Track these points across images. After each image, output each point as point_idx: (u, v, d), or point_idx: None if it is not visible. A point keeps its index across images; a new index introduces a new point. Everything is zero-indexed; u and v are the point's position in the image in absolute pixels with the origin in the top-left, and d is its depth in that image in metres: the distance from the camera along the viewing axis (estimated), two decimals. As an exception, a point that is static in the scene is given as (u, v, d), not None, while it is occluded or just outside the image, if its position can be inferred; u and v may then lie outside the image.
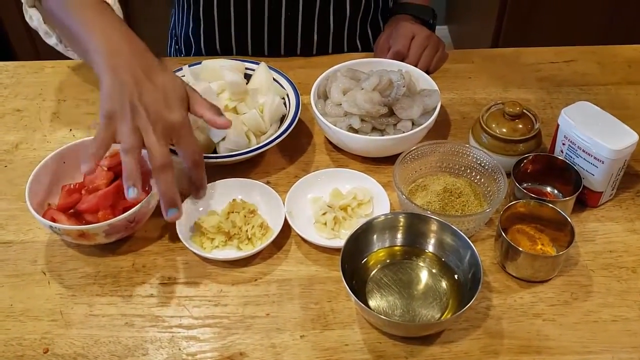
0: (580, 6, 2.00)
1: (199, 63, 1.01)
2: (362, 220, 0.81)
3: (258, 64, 1.01)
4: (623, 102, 1.06)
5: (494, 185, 0.86)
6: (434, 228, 0.80)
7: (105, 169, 0.85)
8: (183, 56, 1.28)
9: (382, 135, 0.94)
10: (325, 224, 0.85)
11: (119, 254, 0.84)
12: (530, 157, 0.88)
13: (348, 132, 0.92)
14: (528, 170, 0.88)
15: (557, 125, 0.88)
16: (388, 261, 0.81)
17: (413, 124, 0.94)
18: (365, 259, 0.81)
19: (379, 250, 0.81)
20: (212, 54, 1.22)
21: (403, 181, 0.87)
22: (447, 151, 0.90)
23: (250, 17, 1.15)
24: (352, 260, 0.78)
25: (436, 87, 0.98)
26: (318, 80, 0.99)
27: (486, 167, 0.88)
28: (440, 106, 0.95)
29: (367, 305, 0.76)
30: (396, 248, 0.82)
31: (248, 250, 0.82)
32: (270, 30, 1.17)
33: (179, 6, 1.24)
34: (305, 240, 0.84)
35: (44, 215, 0.80)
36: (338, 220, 0.85)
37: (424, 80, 1.01)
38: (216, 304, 0.78)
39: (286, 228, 0.85)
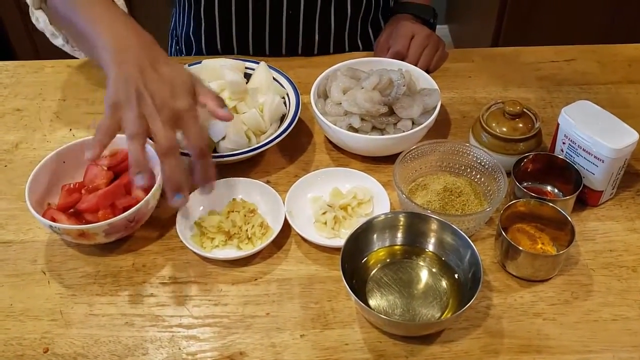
0: (580, 6, 1.99)
1: (199, 62, 1.01)
2: (362, 220, 0.81)
3: (258, 63, 1.01)
4: (623, 101, 1.06)
5: (494, 185, 0.86)
6: (434, 227, 0.80)
7: (105, 168, 0.85)
8: (184, 56, 1.27)
9: (382, 134, 0.94)
10: (325, 223, 0.85)
11: (119, 253, 0.84)
12: (530, 156, 0.87)
13: (348, 132, 0.92)
14: (528, 170, 0.88)
15: (558, 124, 0.88)
16: (388, 260, 0.81)
17: (413, 123, 0.94)
18: (365, 259, 0.80)
19: (379, 250, 0.81)
20: (212, 54, 1.22)
21: (403, 180, 0.87)
22: (447, 150, 0.90)
23: (252, 17, 1.15)
24: (352, 259, 0.77)
25: (436, 86, 0.98)
26: (318, 79, 0.99)
27: (486, 166, 0.88)
28: (441, 105, 0.95)
29: (367, 304, 0.76)
30: (396, 247, 0.82)
31: (248, 249, 0.82)
32: (272, 30, 1.16)
33: (180, 6, 1.24)
34: (305, 240, 0.84)
35: (43, 215, 0.80)
36: (338, 220, 0.85)
37: (424, 79, 1.01)
38: (216, 303, 0.78)
39: (286, 227, 0.85)
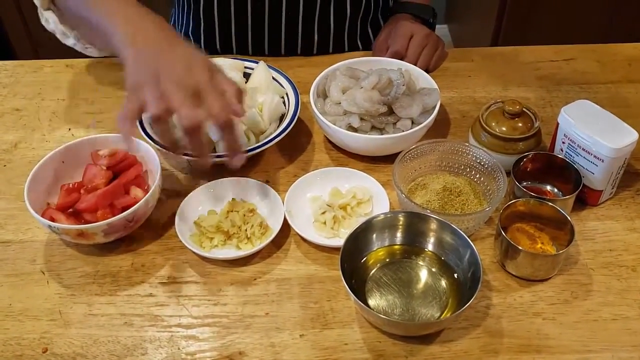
0: (580, 5, 1.99)
1: (198, 62, 1.01)
2: (361, 219, 0.81)
3: (257, 62, 1.01)
4: (623, 100, 1.06)
5: (494, 184, 0.86)
6: (433, 227, 0.80)
7: (104, 168, 0.85)
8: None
9: (382, 134, 0.94)
10: (324, 223, 0.85)
11: (118, 253, 0.84)
12: (530, 156, 0.87)
13: (347, 131, 0.92)
14: (528, 169, 0.88)
15: (557, 123, 0.88)
16: (387, 260, 0.81)
17: (412, 123, 0.94)
18: (364, 258, 0.80)
19: (378, 249, 0.81)
20: (212, 53, 1.21)
21: (402, 180, 0.87)
22: (447, 150, 0.90)
23: (251, 17, 1.15)
24: (351, 259, 0.77)
25: (436, 85, 0.98)
26: (317, 79, 0.99)
27: (486, 166, 0.88)
28: (440, 105, 0.95)
29: (367, 304, 0.76)
30: (396, 247, 0.82)
31: (247, 249, 0.82)
32: (271, 30, 1.16)
33: (179, 6, 1.23)
34: (304, 240, 0.84)
35: (42, 215, 0.80)
36: (337, 219, 0.85)
37: (423, 78, 1.01)
38: (215, 303, 0.78)
39: (285, 227, 0.85)
